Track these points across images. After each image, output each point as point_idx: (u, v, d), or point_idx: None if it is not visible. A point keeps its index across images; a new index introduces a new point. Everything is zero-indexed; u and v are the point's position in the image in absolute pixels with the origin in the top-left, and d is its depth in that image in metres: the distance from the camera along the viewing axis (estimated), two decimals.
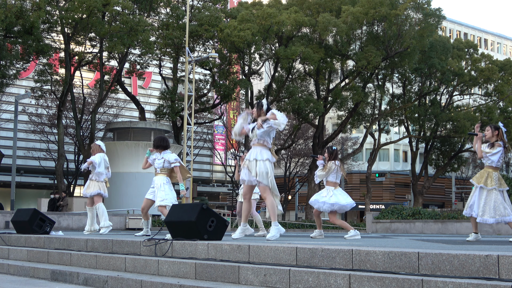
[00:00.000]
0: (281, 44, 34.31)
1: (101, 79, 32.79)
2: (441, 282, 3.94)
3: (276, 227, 7.59)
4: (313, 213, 10.10)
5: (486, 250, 4.73)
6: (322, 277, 4.62)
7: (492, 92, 44.76)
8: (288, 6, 35.15)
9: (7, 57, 28.16)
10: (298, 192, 54.64)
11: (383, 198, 57.21)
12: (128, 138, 33.80)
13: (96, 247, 7.81)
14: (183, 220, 6.78)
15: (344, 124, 39.10)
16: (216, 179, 57.43)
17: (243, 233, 7.98)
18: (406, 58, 34.84)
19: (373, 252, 4.67)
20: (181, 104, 33.49)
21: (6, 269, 8.15)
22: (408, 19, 34.60)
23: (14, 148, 27.49)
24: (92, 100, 41.61)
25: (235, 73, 35.79)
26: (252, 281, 5.16)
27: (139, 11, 32.03)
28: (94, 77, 43.70)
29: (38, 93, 33.50)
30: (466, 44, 45.13)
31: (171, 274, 5.98)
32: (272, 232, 7.57)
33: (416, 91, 42.76)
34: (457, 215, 21.32)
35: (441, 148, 45.40)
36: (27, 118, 43.61)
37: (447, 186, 58.84)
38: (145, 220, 10.46)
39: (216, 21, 31.62)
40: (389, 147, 57.86)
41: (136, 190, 30.49)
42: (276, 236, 7.56)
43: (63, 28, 30.15)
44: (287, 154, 48.23)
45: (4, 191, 43.41)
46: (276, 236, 7.55)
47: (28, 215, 10.31)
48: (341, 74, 38.28)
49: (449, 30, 67.95)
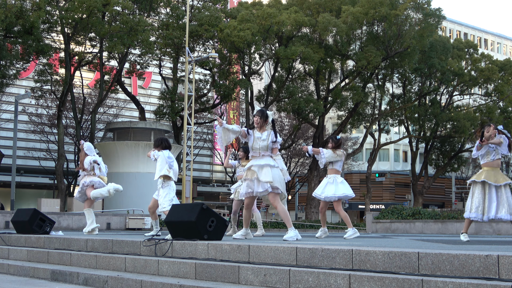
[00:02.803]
0: (281, 44, 34.31)
1: (101, 79, 32.79)
2: (441, 282, 3.94)
3: (294, 231, 7.56)
4: (319, 209, 10.07)
5: (486, 250, 4.73)
6: (322, 277, 4.62)
7: (492, 92, 44.76)
8: (288, 6, 35.14)
9: (7, 57, 28.16)
10: (298, 192, 54.64)
11: (383, 198, 57.21)
12: (128, 138, 33.80)
13: (96, 247, 7.80)
14: (183, 220, 6.78)
15: (344, 124, 39.09)
16: (216, 179, 57.40)
17: (244, 237, 8.00)
18: (406, 58, 34.84)
19: (373, 252, 4.67)
20: (181, 104, 33.48)
21: (6, 269, 8.15)
22: (408, 19, 34.59)
23: (14, 148, 27.49)
24: (92, 100, 41.60)
25: (235, 73, 35.77)
26: (252, 281, 5.16)
27: (139, 11, 32.03)
28: (94, 77, 43.70)
29: (38, 93, 33.51)
30: (466, 44, 45.13)
31: (171, 274, 5.97)
32: (290, 234, 7.52)
33: (416, 91, 42.75)
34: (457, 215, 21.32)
35: (441, 148, 45.39)
36: (27, 118, 43.60)
37: (447, 186, 58.84)
38: (153, 219, 10.48)
39: (216, 21, 31.62)
40: (389, 147, 57.85)
41: (136, 190, 30.50)
42: (293, 239, 7.47)
43: (63, 28, 30.15)
44: (287, 154, 48.22)
45: (4, 191, 43.41)
46: (293, 237, 7.48)
47: (28, 215, 10.31)
48: (341, 74, 38.26)
49: (449, 30, 67.94)
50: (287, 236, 7.52)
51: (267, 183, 7.49)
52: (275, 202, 7.62)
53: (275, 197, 7.60)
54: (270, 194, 7.60)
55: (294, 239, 7.50)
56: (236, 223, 11.79)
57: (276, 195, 7.59)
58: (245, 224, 8.02)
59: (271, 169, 7.52)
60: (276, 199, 7.61)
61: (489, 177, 8.59)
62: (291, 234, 7.51)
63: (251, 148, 7.70)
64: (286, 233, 7.64)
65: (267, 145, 7.61)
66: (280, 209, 7.64)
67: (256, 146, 7.64)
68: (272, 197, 7.61)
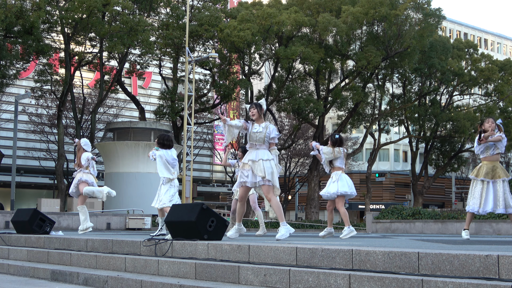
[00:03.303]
0: (281, 44, 34.31)
1: (101, 79, 32.79)
2: (441, 282, 3.94)
3: (285, 227, 7.59)
4: (327, 208, 10.12)
5: (486, 250, 4.73)
6: (322, 277, 4.62)
7: (492, 92, 44.77)
8: (288, 6, 35.15)
9: (7, 57, 28.16)
10: (298, 192, 54.64)
11: (383, 198, 57.21)
12: (128, 138, 33.79)
13: (96, 247, 7.81)
14: (183, 220, 6.78)
15: (344, 124, 39.09)
16: (216, 179, 57.42)
17: (238, 233, 8.05)
18: (406, 58, 34.85)
19: (373, 252, 4.66)
20: (181, 104, 33.48)
21: (6, 269, 8.15)
22: (408, 19, 34.59)
23: (14, 148, 27.49)
24: (92, 100, 41.61)
25: (235, 73, 35.77)
26: (252, 281, 5.16)
27: (139, 11, 32.03)
28: (94, 77, 43.71)
29: (38, 93, 33.51)
30: (466, 44, 45.13)
31: (171, 274, 5.97)
32: (281, 231, 7.55)
33: (416, 91, 42.76)
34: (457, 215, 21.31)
35: (441, 148, 45.39)
36: (27, 118, 43.62)
37: (447, 186, 58.83)
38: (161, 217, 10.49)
39: (216, 21, 31.62)
40: (389, 147, 57.85)
41: (136, 190, 30.49)
42: (286, 236, 7.53)
43: (63, 28, 30.15)
44: (287, 154, 48.22)
45: (4, 191, 43.41)
46: (285, 235, 7.53)
47: (28, 215, 10.30)
48: (341, 74, 38.26)
49: (449, 30, 67.94)
50: (279, 235, 7.53)
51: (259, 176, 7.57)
52: (269, 195, 7.65)
53: (269, 189, 7.64)
54: (264, 187, 7.65)
55: (287, 236, 7.55)
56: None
57: (269, 187, 7.63)
58: (238, 219, 8.06)
59: (264, 163, 7.57)
60: (270, 192, 7.64)
61: (488, 173, 8.85)
62: (282, 232, 7.54)
63: (249, 139, 7.77)
64: (278, 232, 7.65)
65: (263, 137, 7.65)
66: (274, 202, 7.69)
67: (254, 137, 7.71)
68: (266, 189, 7.65)
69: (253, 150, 7.73)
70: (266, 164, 7.59)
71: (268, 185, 7.62)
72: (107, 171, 32.42)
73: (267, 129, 7.71)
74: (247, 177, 7.67)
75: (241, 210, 8.03)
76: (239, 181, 7.82)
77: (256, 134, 7.68)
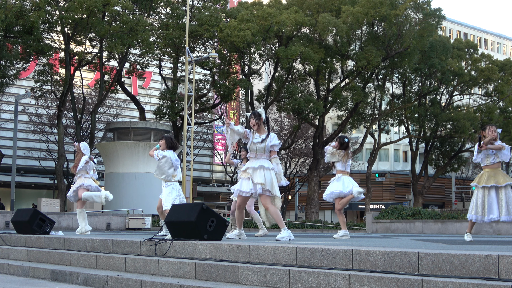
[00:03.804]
0: (281, 44, 34.30)
1: (101, 79, 32.78)
2: (441, 282, 3.94)
3: (287, 231, 7.63)
4: (335, 211, 10.14)
5: (486, 250, 4.73)
6: (322, 277, 4.62)
7: (492, 92, 44.77)
8: (288, 6, 35.14)
9: (7, 57, 28.15)
10: (298, 192, 54.64)
11: (383, 198, 57.21)
12: (128, 138, 33.79)
13: (96, 247, 7.80)
14: (183, 220, 6.78)
15: (344, 124, 39.08)
16: (216, 179, 57.41)
17: (238, 237, 8.12)
18: (406, 58, 34.84)
19: (373, 252, 4.66)
20: (181, 104, 33.48)
21: (6, 269, 8.15)
22: (408, 19, 34.59)
23: (14, 148, 27.49)
24: (92, 100, 41.60)
25: (235, 73, 35.76)
26: (252, 281, 5.16)
27: (139, 11, 32.02)
28: (94, 77, 43.70)
29: (38, 93, 33.50)
30: (466, 44, 45.12)
31: (171, 274, 5.97)
32: (283, 234, 7.58)
33: (416, 91, 42.75)
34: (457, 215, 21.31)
35: (441, 148, 45.39)
36: (27, 118, 43.61)
37: (447, 186, 58.84)
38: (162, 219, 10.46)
39: (216, 21, 31.61)
40: (389, 147, 57.86)
41: (136, 190, 30.48)
42: (286, 238, 7.54)
43: (63, 28, 30.14)
44: (287, 154, 48.22)
45: (4, 191, 43.40)
46: (286, 237, 7.55)
47: (28, 215, 10.31)
48: (341, 74, 38.26)
49: (449, 30, 67.94)
50: (280, 236, 7.57)
51: (259, 184, 7.57)
52: (266, 204, 7.71)
53: (266, 199, 7.69)
54: (262, 196, 7.68)
55: (287, 239, 7.56)
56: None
57: (267, 197, 7.68)
58: (238, 225, 8.15)
59: (264, 171, 7.61)
60: (267, 201, 7.69)
61: (490, 180, 8.73)
62: (284, 234, 7.57)
63: (249, 149, 7.81)
64: (279, 233, 7.67)
65: (264, 147, 7.69)
66: (271, 210, 7.72)
67: (254, 148, 7.75)
68: (263, 198, 7.71)
69: (254, 159, 7.76)
70: (267, 173, 7.63)
71: (267, 195, 7.65)
72: (107, 171, 32.41)
73: (268, 139, 7.74)
74: (245, 186, 7.70)
75: (240, 216, 8.10)
76: (237, 189, 7.86)
77: (257, 145, 7.72)
